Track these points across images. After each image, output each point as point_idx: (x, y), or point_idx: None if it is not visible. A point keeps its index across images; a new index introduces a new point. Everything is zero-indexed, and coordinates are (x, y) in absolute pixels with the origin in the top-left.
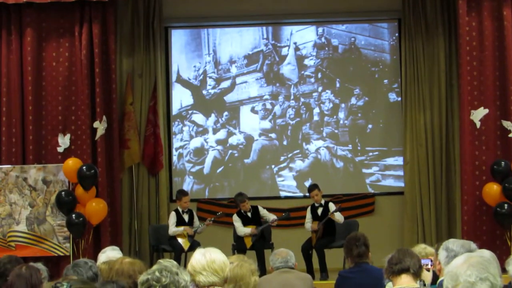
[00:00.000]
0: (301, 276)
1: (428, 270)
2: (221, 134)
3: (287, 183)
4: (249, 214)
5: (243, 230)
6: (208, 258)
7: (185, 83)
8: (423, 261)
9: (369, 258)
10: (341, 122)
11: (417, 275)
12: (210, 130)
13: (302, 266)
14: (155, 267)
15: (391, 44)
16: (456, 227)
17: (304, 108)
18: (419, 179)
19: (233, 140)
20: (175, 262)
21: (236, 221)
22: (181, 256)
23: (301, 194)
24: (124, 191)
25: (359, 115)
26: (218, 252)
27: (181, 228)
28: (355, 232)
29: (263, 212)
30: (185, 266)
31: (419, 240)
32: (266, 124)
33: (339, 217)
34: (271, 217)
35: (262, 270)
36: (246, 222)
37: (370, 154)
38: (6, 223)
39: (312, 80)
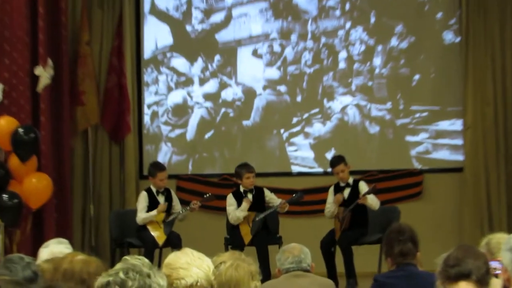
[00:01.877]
0: (320, 282)
1: (496, 276)
2: (211, 85)
3: (302, 155)
4: (249, 195)
5: (235, 214)
6: (191, 255)
7: (162, 16)
8: (492, 264)
9: (416, 259)
10: (377, 71)
11: (482, 283)
12: (195, 80)
13: (321, 268)
14: (118, 266)
15: None
16: None
17: (326, 52)
18: (485, 151)
19: (227, 95)
20: (146, 260)
21: (230, 204)
22: (153, 253)
23: (321, 170)
24: (77, 163)
25: (402, 61)
26: (202, 256)
27: (154, 213)
28: (397, 223)
29: (270, 196)
30: (159, 266)
31: (484, 233)
32: (273, 73)
33: (373, 201)
34: (279, 201)
35: (266, 273)
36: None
37: (417, 115)
38: None
39: (337, 13)
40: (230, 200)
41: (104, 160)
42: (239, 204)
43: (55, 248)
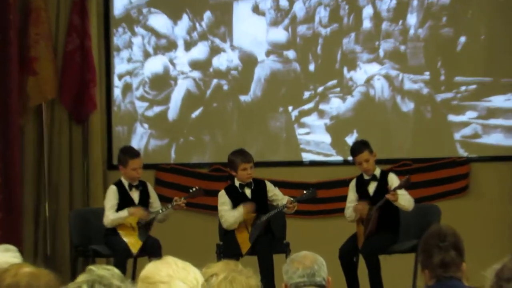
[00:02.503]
0: None
1: None
2: (200, 51)
3: (315, 139)
4: (247, 191)
5: (230, 215)
6: (174, 265)
7: None
8: None
9: (461, 271)
10: (411, 32)
11: None
12: (180, 43)
13: (340, 283)
14: (82, 278)
15: None
16: None
17: (347, 8)
18: None
19: (220, 62)
20: (117, 270)
21: (223, 203)
22: (125, 264)
23: (340, 158)
24: (28, 149)
25: (444, 20)
26: (188, 267)
27: (124, 211)
28: (437, 226)
29: (273, 191)
30: (133, 280)
31: None
32: (279, 35)
33: (405, 199)
34: (285, 199)
35: (269, 287)
36: (239, 204)
37: (462, 89)
38: None
39: None
40: (223, 198)
41: (63, 145)
42: (234, 202)
43: None
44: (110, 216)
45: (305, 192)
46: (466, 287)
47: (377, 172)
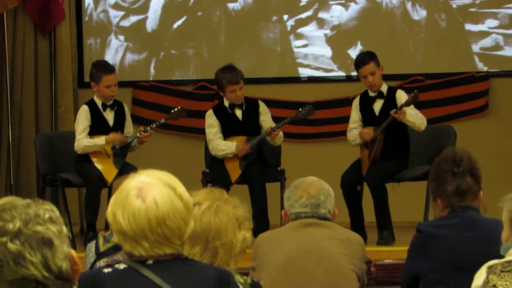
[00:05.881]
0: (342, 235)
1: None
2: None
3: (314, 51)
4: (238, 112)
5: (221, 144)
6: (153, 201)
7: None
8: None
9: (479, 200)
10: None
11: None
12: None
13: (343, 215)
14: None
15: None
16: None
17: None
18: None
19: None
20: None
21: (211, 125)
22: (99, 193)
23: (342, 74)
24: None
25: None
26: (171, 181)
27: (101, 139)
28: (451, 149)
29: (265, 116)
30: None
31: None
32: None
33: (415, 117)
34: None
35: (262, 220)
36: (229, 128)
37: None
38: None
39: None
40: (210, 119)
41: (27, 59)
42: (223, 124)
43: None
44: (83, 141)
45: (300, 109)
46: (484, 218)
47: (384, 88)
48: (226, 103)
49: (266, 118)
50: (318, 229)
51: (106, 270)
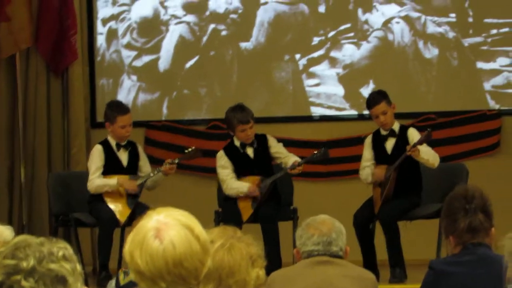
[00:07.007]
0: (354, 273)
1: None
2: None
3: (326, 91)
4: (249, 150)
5: (234, 185)
6: (170, 242)
7: None
8: None
9: (490, 237)
10: None
11: None
12: None
13: (356, 253)
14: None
15: None
16: None
17: None
18: None
19: (218, 4)
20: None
21: (222, 166)
22: (112, 233)
23: (354, 113)
24: (0, 103)
25: None
26: (189, 222)
27: (113, 180)
28: (463, 186)
29: (276, 148)
30: (121, 250)
31: None
32: None
33: (429, 154)
34: (292, 159)
35: (275, 258)
36: (242, 167)
37: (493, 31)
38: None
39: None
40: (222, 160)
41: (40, 99)
42: (235, 164)
43: None
44: (96, 180)
45: (315, 152)
46: (496, 255)
47: (396, 127)
48: (237, 142)
49: (279, 149)
50: (331, 267)
51: None
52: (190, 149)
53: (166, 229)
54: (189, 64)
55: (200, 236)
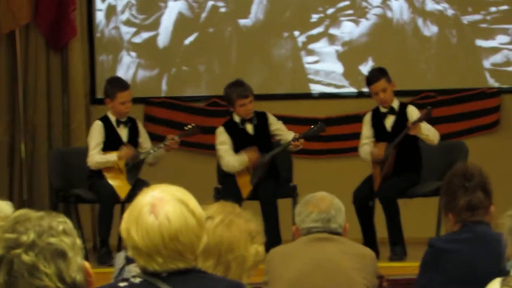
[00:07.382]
0: (354, 250)
1: None
2: None
3: (325, 68)
4: (249, 127)
5: (233, 161)
6: (165, 217)
7: None
8: None
9: (490, 215)
10: None
11: None
12: None
13: (355, 231)
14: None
15: None
16: None
17: None
18: None
19: None
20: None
21: (222, 142)
22: (112, 210)
23: (353, 90)
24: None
25: None
26: (184, 197)
27: (113, 155)
28: (462, 164)
29: (277, 125)
30: None
31: None
32: None
33: (429, 131)
34: (291, 135)
35: (274, 235)
36: (241, 143)
37: (493, 9)
38: None
39: None
40: (222, 135)
41: (40, 76)
42: (235, 140)
43: None
44: (96, 157)
45: (312, 126)
46: (495, 233)
47: (396, 104)
48: (237, 118)
49: (279, 126)
50: (330, 244)
51: (122, 284)
52: (189, 126)
53: (161, 204)
54: (188, 40)
55: (195, 210)
